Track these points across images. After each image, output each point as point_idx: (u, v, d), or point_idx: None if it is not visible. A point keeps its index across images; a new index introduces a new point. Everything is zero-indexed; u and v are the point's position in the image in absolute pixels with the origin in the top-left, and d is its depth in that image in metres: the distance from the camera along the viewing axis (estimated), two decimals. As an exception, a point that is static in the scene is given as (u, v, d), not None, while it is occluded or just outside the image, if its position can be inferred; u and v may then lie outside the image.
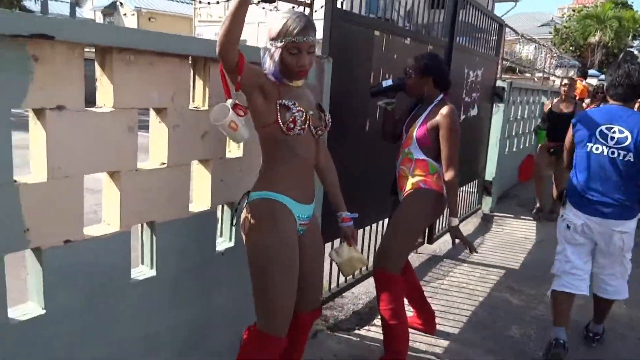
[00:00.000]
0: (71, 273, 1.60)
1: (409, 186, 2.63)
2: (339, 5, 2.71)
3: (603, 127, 2.68)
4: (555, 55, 10.39)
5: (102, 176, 1.74)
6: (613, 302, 2.99)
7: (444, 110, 2.55)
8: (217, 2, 2.14)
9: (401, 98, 2.76)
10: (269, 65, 1.78)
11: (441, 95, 2.65)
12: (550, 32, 24.66)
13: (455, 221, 2.66)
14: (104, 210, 1.78)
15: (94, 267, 1.66)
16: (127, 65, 1.66)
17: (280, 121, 1.76)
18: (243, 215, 1.87)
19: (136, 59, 1.69)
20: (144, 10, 27.11)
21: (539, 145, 6.11)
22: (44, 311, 1.55)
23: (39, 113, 1.46)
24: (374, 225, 3.61)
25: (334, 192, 2.15)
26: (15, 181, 1.42)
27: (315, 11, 2.51)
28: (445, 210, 2.81)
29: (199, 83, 2.01)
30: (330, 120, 1.99)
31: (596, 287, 2.96)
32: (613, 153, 2.64)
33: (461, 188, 5.33)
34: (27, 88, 1.38)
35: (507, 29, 6.76)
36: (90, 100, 1.53)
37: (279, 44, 1.73)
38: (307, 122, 1.83)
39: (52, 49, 1.42)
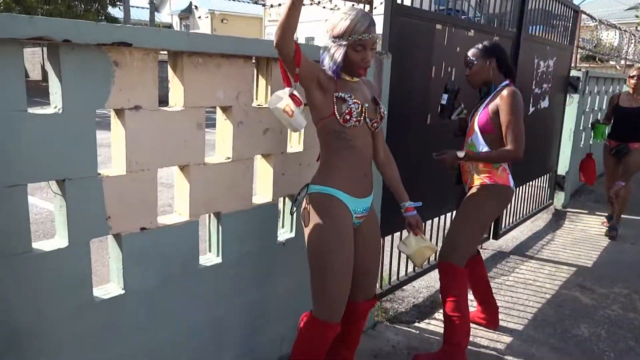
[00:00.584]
0: (147, 257, 1.77)
1: (473, 182, 2.62)
2: (400, 0, 2.73)
3: None
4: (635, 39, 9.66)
5: (174, 170, 1.90)
6: None
7: (505, 91, 2.50)
8: (271, 6, 2.22)
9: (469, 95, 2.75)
10: (328, 62, 1.83)
11: (507, 81, 2.60)
12: (637, 16, 22.88)
13: (461, 154, 2.52)
14: (175, 200, 1.94)
15: (167, 253, 1.83)
16: (196, 67, 1.80)
17: (336, 113, 1.83)
18: (302, 206, 1.96)
19: (204, 61, 1.82)
20: (217, 13, 28.18)
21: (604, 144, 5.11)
22: (123, 291, 1.73)
23: (119, 113, 1.63)
24: (437, 219, 3.59)
25: (395, 186, 2.19)
26: (99, 174, 1.60)
27: (375, 8, 2.53)
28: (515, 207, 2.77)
29: (262, 82, 2.12)
30: (385, 112, 2.03)
31: None
32: None
33: (531, 183, 5.16)
34: (110, 90, 1.55)
35: (585, 16, 6.39)
36: (164, 100, 1.69)
37: (344, 42, 1.79)
38: (363, 114, 1.88)
39: (130, 55, 1.58)
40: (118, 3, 18.55)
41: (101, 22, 17.08)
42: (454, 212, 3.08)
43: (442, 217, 3.61)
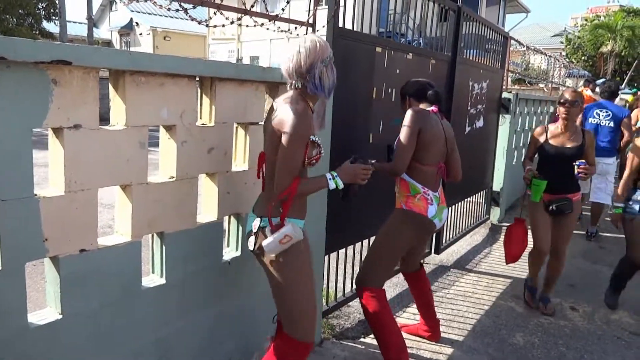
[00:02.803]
0: (86, 280, 1.72)
1: (396, 203, 2.74)
2: (342, 23, 2.82)
3: None
4: (564, 65, 10.40)
5: (116, 189, 1.86)
6: None
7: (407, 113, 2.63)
8: (231, 23, 2.23)
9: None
10: (326, 82, 1.90)
11: (430, 108, 2.73)
12: (562, 42, 24.63)
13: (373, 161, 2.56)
14: (116, 221, 1.90)
15: (108, 275, 1.78)
16: (139, 86, 1.79)
17: (306, 157, 1.89)
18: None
19: (147, 80, 1.81)
20: (159, 30, 27.70)
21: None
22: (60, 316, 1.67)
23: (58, 132, 1.59)
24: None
25: None
26: (35, 195, 1.55)
27: (317, 30, 2.61)
28: (455, 221, 2.87)
29: (206, 101, 2.13)
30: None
31: None
32: None
33: (469, 199, 5.40)
34: (48, 109, 1.52)
35: (513, 41, 6.82)
36: (105, 117, 1.66)
37: (330, 58, 1.91)
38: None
39: (69, 73, 1.55)
40: (54, 18, 17.84)
41: (35, 37, 16.39)
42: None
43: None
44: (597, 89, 7.92)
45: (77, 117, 1.60)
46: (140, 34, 27.88)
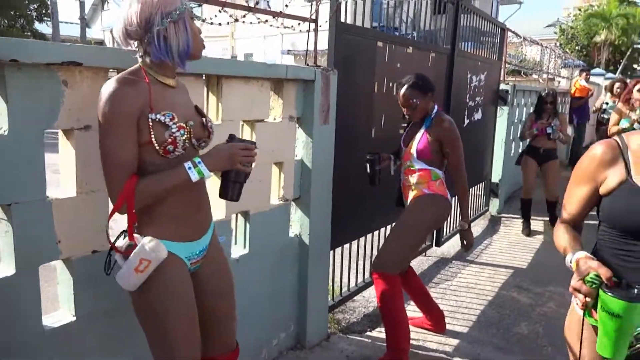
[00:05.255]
0: (98, 281, 1.71)
1: (413, 194, 2.74)
2: (343, 17, 2.83)
3: None
4: (559, 55, 10.44)
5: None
6: None
7: (446, 124, 2.69)
8: (235, 21, 2.22)
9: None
10: (174, 43, 1.43)
11: (436, 108, 2.76)
12: (555, 33, 24.64)
13: (465, 225, 2.83)
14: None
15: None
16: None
17: (155, 142, 1.42)
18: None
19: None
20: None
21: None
22: (74, 318, 1.67)
23: (68, 133, 1.59)
24: (383, 229, 3.70)
25: None
26: (47, 197, 1.55)
27: (320, 26, 2.61)
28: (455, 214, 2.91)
29: (212, 99, 2.12)
30: (212, 125, 1.63)
31: None
32: None
33: (468, 191, 5.41)
34: (58, 110, 1.52)
35: (510, 33, 6.84)
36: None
37: (183, 13, 1.44)
38: (190, 138, 1.49)
39: (80, 74, 1.55)
40: (45, 19, 17.70)
41: (27, 38, 16.25)
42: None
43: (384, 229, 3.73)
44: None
45: (87, 118, 1.59)
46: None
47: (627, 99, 4.68)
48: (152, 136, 1.40)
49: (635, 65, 24.41)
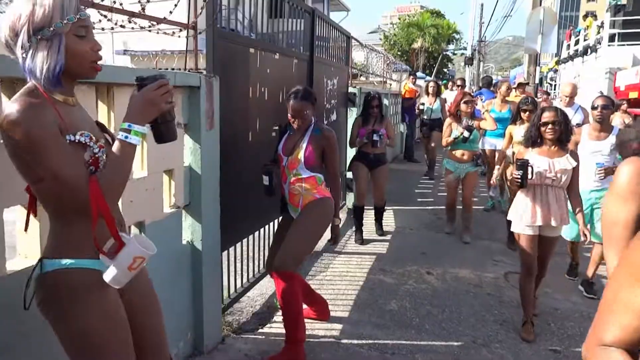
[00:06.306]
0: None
1: (305, 200, 2.94)
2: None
3: None
4: (389, 61, 11.63)
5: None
6: None
7: (328, 132, 3.00)
8: (121, 26, 2.05)
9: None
10: (39, 63, 1.30)
11: (314, 118, 3.00)
12: (380, 39, 27.19)
13: (337, 221, 3.12)
14: (20, 242, 1.74)
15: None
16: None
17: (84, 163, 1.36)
18: (43, 292, 1.40)
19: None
20: None
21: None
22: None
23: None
24: (261, 231, 3.83)
25: None
26: None
27: (200, 33, 2.64)
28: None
29: (103, 108, 2.04)
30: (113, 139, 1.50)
31: None
32: None
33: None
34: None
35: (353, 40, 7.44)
36: None
37: (60, 29, 1.30)
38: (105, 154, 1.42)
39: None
40: None
41: None
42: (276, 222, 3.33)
43: (267, 226, 3.87)
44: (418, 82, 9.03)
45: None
46: None
47: (455, 112, 5.12)
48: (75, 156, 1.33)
49: (445, 70, 28.15)
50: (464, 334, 3.25)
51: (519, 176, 3.04)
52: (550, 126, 3.09)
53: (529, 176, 3.06)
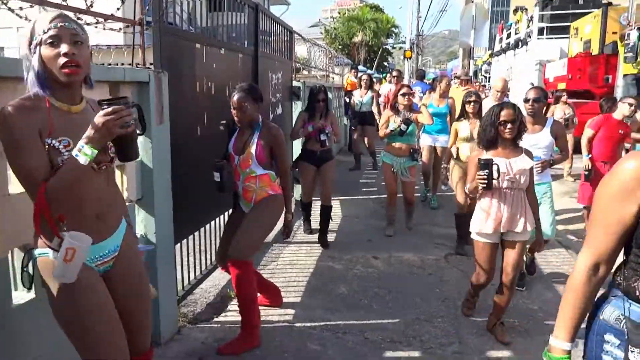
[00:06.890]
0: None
1: (258, 197, 3.05)
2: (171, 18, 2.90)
3: None
4: (331, 54, 11.83)
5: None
6: None
7: (275, 130, 3.11)
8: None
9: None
10: (31, 76, 1.51)
11: (260, 117, 3.10)
12: (321, 33, 27.42)
13: (289, 217, 3.30)
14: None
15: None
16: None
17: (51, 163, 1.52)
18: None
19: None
20: None
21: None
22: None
23: None
24: (212, 223, 3.89)
25: None
26: None
27: (147, 29, 2.67)
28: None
29: None
30: (114, 151, 1.67)
31: None
32: None
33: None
34: None
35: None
36: None
37: (35, 42, 1.50)
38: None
39: None
40: None
41: None
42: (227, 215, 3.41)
43: (218, 218, 3.93)
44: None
45: None
46: None
47: (393, 103, 5.16)
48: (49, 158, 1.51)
49: (385, 63, 28.80)
50: (409, 311, 3.48)
51: (485, 176, 2.81)
52: (509, 125, 2.86)
53: (494, 175, 2.82)
